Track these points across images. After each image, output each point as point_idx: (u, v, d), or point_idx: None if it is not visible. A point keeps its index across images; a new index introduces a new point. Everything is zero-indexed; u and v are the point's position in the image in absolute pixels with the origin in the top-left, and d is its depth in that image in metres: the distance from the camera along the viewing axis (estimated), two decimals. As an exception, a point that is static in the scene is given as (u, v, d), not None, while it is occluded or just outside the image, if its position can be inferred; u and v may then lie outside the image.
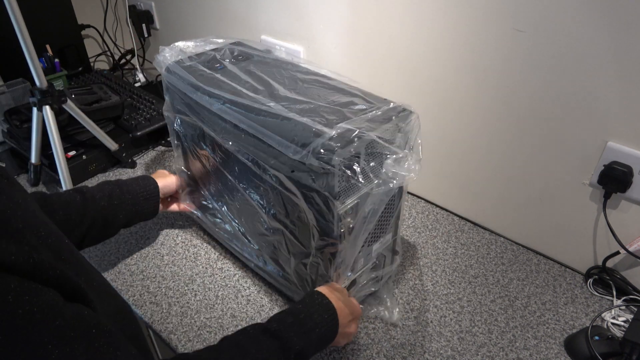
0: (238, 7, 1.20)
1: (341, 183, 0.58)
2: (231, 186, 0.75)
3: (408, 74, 0.94)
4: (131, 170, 1.17)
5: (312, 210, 0.61)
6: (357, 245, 0.65)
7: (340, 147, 0.55)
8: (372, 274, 0.76)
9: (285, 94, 0.67)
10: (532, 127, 0.83)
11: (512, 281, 0.87)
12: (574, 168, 0.81)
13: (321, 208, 0.60)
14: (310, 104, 0.64)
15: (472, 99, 0.87)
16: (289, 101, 0.65)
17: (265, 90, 0.69)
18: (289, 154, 0.58)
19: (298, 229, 0.66)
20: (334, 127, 0.58)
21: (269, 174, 0.63)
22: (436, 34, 0.86)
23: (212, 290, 0.85)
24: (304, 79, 0.72)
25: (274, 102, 0.64)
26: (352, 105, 0.64)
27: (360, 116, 0.61)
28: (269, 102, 0.64)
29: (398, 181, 0.59)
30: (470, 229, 1.00)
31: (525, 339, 0.77)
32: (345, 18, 0.98)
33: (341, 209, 0.60)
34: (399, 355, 0.74)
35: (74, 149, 1.10)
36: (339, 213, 0.60)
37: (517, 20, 0.75)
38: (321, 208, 0.60)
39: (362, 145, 0.58)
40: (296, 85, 0.70)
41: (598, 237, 0.85)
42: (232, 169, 0.72)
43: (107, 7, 1.53)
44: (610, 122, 0.74)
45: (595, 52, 0.70)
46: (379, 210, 0.62)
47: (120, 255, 0.92)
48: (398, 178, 0.59)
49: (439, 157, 0.99)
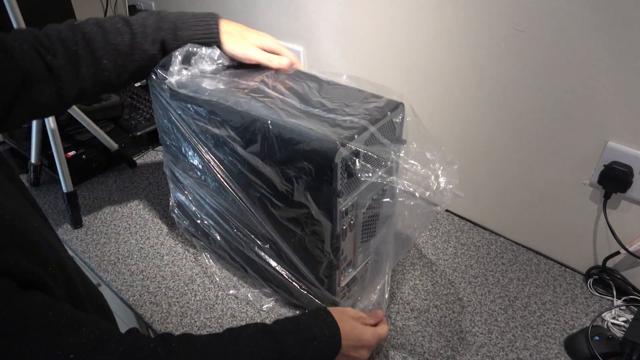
0: (238, 7, 1.20)
1: (342, 180, 0.58)
2: (229, 186, 0.75)
3: (407, 73, 0.94)
4: (131, 170, 1.17)
5: (314, 208, 0.61)
6: (358, 241, 0.65)
7: (341, 144, 0.55)
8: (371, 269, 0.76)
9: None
10: (532, 126, 0.83)
11: (512, 281, 0.87)
12: (574, 168, 0.81)
13: (323, 205, 0.60)
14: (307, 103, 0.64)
15: (471, 99, 0.87)
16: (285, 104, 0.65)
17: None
18: (290, 152, 0.58)
19: (299, 228, 0.66)
20: (334, 125, 0.58)
21: (269, 171, 0.64)
22: (436, 34, 0.85)
23: (212, 290, 0.85)
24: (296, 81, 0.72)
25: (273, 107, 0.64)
26: (349, 102, 0.64)
27: (358, 110, 0.61)
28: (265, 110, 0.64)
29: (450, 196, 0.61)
30: (470, 229, 1.00)
31: (525, 339, 0.77)
32: (345, 18, 0.98)
33: (343, 205, 0.60)
34: (399, 355, 0.74)
35: (74, 149, 1.10)
36: (341, 210, 0.60)
37: (517, 20, 0.75)
38: (323, 205, 0.60)
39: (362, 141, 0.59)
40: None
41: (598, 237, 0.85)
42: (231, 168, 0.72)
43: (107, 7, 1.53)
44: (610, 122, 0.74)
45: (596, 52, 0.70)
46: (378, 206, 0.63)
47: (120, 255, 0.92)
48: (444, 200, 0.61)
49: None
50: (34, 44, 0.61)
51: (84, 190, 1.10)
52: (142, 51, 0.67)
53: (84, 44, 0.64)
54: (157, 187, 1.11)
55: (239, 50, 0.72)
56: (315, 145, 0.56)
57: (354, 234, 0.66)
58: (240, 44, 0.72)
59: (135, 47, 0.67)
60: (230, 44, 0.72)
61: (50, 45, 0.62)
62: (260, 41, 0.74)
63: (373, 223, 0.69)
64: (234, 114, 0.64)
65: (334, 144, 0.55)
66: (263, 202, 0.69)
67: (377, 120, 0.60)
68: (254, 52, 0.73)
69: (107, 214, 1.03)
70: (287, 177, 0.61)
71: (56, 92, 0.63)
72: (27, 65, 0.59)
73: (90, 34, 0.64)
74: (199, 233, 0.88)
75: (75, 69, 0.64)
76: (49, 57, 0.61)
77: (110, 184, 1.12)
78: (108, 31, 0.65)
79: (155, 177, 1.14)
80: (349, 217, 0.63)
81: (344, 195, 0.60)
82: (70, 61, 0.63)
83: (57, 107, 0.66)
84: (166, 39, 0.68)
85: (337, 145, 0.55)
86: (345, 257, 0.66)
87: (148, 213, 1.03)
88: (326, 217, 0.61)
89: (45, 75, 0.61)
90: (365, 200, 0.64)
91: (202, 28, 0.70)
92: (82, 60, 0.64)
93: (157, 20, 0.68)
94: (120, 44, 0.66)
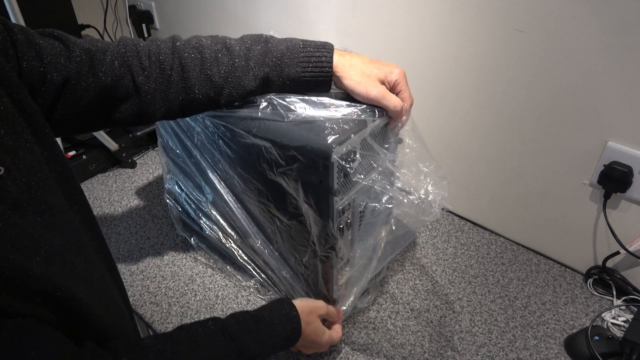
0: (238, 7, 1.20)
1: (339, 179, 0.59)
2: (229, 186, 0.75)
3: (407, 73, 0.94)
4: (131, 170, 1.17)
5: (311, 208, 0.62)
6: (355, 240, 0.65)
7: (337, 144, 0.56)
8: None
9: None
10: (531, 127, 0.83)
11: (512, 281, 0.87)
12: (574, 168, 0.81)
13: (319, 205, 0.60)
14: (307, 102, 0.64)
15: (471, 99, 0.87)
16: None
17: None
18: (288, 153, 0.59)
19: (297, 228, 0.67)
20: (330, 126, 0.58)
21: (266, 171, 0.64)
22: (436, 34, 0.85)
23: (212, 290, 0.85)
24: None
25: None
26: (343, 104, 0.64)
27: (351, 110, 0.61)
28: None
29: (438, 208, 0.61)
30: (470, 229, 1.00)
31: (525, 339, 0.77)
32: (345, 18, 0.98)
33: (339, 204, 0.61)
34: (399, 355, 0.74)
35: (74, 149, 1.10)
36: (337, 209, 0.60)
37: (517, 20, 0.75)
38: (319, 205, 0.60)
39: (357, 141, 0.59)
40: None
41: (598, 237, 0.85)
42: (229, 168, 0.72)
43: (107, 7, 1.53)
44: (610, 122, 0.74)
45: (595, 52, 0.70)
46: (376, 205, 0.63)
47: (120, 255, 0.92)
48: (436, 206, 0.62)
49: (439, 157, 0.98)
50: (129, 62, 0.57)
51: (84, 190, 1.10)
52: (240, 86, 0.60)
53: (179, 70, 0.59)
54: (157, 187, 1.11)
55: (362, 88, 0.61)
56: (312, 146, 0.57)
57: (350, 233, 0.66)
58: (362, 81, 0.61)
59: (233, 81, 0.60)
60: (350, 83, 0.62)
61: (148, 66, 0.58)
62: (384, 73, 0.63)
63: (369, 224, 0.69)
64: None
65: (329, 145, 0.55)
66: (262, 202, 0.69)
67: (373, 121, 0.61)
68: (379, 92, 0.61)
69: (107, 214, 1.03)
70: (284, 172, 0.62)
71: (138, 112, 0.60)
72: (110, 84, 0.56)
73: (187, 60, 0.59)
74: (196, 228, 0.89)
75: (165, 94, 0.60)
76: (141, 78, 0.58)
77: (110, 184, 1.12)
78: (206, 59, 0.59)
79: (155, 177, 1.14)
80: (346, 215, 0.63)
81: (340, 194, 0.60)
82: (161, 86, 0.59)
83: (141, 123, 0.63)
84: (270, 75, 0.61)
85: (333, 145, 0.55)
86: (342, 255, 0.67)
87: (148, 213, 1.03)
88: (323, 215, 0.61)
89: (130, 95, 0.58)
90: (361, 201, 0.65)
91: (312, 65, 0.61)
92: (173, 86, 0.59)
93: (262, 53, 0.60)
94: (215, 75, 0.59)
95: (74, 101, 0.54)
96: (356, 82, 0.61)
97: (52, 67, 0.51)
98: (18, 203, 0.41)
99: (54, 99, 0.53)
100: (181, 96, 0.60)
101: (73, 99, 0.54)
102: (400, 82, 0.64)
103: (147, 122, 0.63)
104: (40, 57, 0.51)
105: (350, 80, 0.61)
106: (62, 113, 0.54)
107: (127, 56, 0.58)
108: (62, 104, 0.53)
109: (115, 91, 0.57)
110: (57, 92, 0.52)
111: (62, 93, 0.53)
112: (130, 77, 0.58)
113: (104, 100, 0.57)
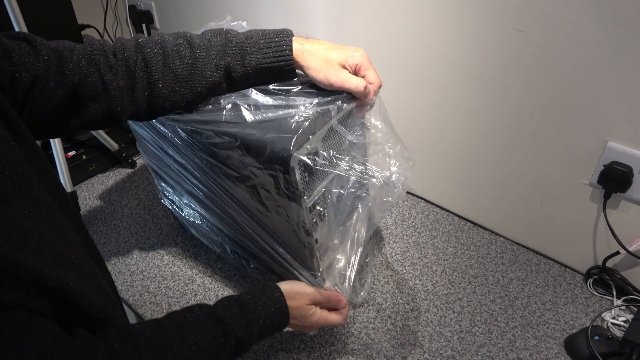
0: (238, 8, 1.20)
1: (304, 179, 0.58)
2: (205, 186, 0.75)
3: (407, 73, 0.94)
4: (131, 170, 1.17)
5: (283, 207, 0.62)
6: (332, 230, 0.66)
7: (297, 147, 0.55)
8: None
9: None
10: (531, 126, 0.83)
11: (512, 281, 0.87)
12: (574, 168, 0.81)
13: (290, 204, 0.60)
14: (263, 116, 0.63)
15: (471, 99, 0.87)
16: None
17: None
18: (252, 156, 0.58)
19: (277, 218, 0.67)
20: (290, 126, 0.57)
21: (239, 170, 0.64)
22: (436, 34, 0.85)
23: (212, 290, 0.85)
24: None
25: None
26: (309, 95, 0.63)
27: (317, 100, 0.61)
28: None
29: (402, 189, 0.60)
30: (470, 229, 1.00)
31: (525, 339, 0.77)
32: (345, 17, 0.98)
33: (309, 202, 0.61)
34: (399, 355, 0.74)
35: (74, 149, 1.10)
36: (307, 206, 0.61)
37: (517, 21, 0.75)
38: (290, 204, 0.60)
39: (319, 138, 0.58)
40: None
41: (598, 237, 0.85)
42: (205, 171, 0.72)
43: (107, 7, 1.53)
44: (610, 122, 0.74)
45: (595, 52, 0.70)
46: (346, 191, 0.63)
47: (120, 255, 0.92)
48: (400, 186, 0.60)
49: (439, 157, 0.99)
50: (96, 60, 0.58)
51: (84, 190, 1.10)
52: (202, 77, 0.61)
53: (142, 65, 0.59)
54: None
55: (322, 76, 0.61)
56: (273, 150, 0.56)
57: (326, 223, 0.66)
58: (322, 68, 0.61)
59: (195, 73, 0.60)
60: (310, 72, 0.62)
61: (115, 63, 0.59)
62: (344, 57, 0.62)
63: (344, 208, 0.69)
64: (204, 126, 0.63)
65: (288, 150, 0.54)
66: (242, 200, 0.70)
67: (337, 111, 0.60)
68: (339, 78, 0.61)
69: (107, 214, 1.03)
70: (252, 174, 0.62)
71: (108, 112, 0.60)
72: (78, 82, 0.56)
73: (149, 55, 0.60)
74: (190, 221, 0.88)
75: (131, 92, 0.60)
76: (109, 76, 0.58)
77: (110, 184, 1.12)
78: (168, 53, 0.60)
79: (155, 177, 1.14)
80: (317, 209, 0.63)
81: (307, 192, 0.60)
82: (128, 83, 0.59)
83: (110, 124, 0.62)
84: (232, 65, 0.61)
85: (292, 150, 0.54)
86: (320, 245, 0.67)
87: (148, 213, 1.03)
88: (295, 212, 0.61)
89: (98, 94, 0.58)
90: (332, 191, 0.64)
91: (272, 50, 0.61)
92: (138, 82, 0.59)
93: (223, 43, 0.61)
94: (178, 68, 0.60)
95: (43, 100, 0.54)
96: (315, 69, 0.61)
97: (20, 66, 0.52)
98: (4, 196, 0.42)
99: (24, 99, 0.53)
100: (147, 92, 0.61)
101: (42, 98, 0.54)
102: (363, 64, 0.63)
103: (116, 123, 0.62)
104: (8, 57, 0.51)
105: (310, 69, 0.61)
106: (31, 114, 0.54)
107: (94, 54, 0.58)
108: (31, 103, 0.54)
109: (83, 89, 0.57)
110: (26, 91, 0.53)
111: (31, 92, 0.53)
112: (98, 75, 0.58)
113: (73, 99, 0.57)
